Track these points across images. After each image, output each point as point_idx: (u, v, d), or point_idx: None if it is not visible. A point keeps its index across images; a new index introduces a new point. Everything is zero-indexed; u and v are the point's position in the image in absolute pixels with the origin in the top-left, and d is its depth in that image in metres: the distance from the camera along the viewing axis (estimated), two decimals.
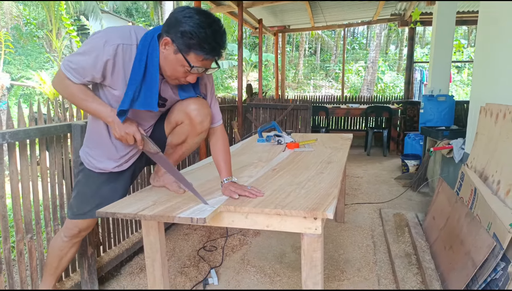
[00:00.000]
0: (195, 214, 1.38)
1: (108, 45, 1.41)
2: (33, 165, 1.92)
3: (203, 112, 1.66)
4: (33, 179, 1.93)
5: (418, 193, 4.28)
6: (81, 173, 1.78)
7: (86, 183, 1.76)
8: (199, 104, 1.65)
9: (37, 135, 1.88)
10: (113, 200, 1.65)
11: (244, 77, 18.60)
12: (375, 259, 2.68)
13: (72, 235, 1.83)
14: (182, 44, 1.39)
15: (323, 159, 2.37)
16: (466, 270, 1.88)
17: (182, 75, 1.48)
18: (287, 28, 9.16)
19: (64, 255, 1.87)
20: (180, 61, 1.43)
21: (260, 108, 5.77)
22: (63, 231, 1.84)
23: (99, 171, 1.74)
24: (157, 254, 1.69)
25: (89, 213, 1.76)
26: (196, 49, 1.39)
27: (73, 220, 1.79)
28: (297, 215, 1.40)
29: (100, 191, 1.76)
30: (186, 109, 1.65)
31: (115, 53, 1.43)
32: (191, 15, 1.38)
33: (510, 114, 2.20)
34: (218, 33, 1.41)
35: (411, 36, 8.40)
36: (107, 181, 1.76)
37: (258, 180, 1.87)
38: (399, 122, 7.16)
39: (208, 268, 2.56)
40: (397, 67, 20.37)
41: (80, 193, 1.77)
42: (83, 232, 1.85)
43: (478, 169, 2.50)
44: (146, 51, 1.45)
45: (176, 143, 1.77)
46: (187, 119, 1.66)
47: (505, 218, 1.74)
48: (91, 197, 1.76)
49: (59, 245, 1.85)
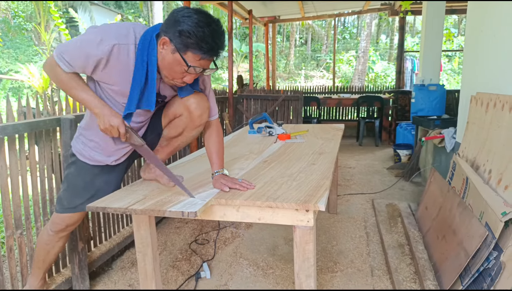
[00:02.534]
0: (186, 207, 1.37)
1: (103, 44, 1.39)
2: (22, 159, 1.90)
3: (202, 106, 1.66)
4: (23, 173, 1.90)
5: (411, 182, 4.29)
6: (72, 165, 1.74)
7: (78, 175, 1.73)
8: (198, 98, 1.65)
9: (26, 130, 1.86)
10: (107, 192, 1.65)
11: (235, 68, 18.50)
12: (368, 250, 2.68)
13: (59, 230, 1.80)
14: (180, 43, 1.37)
15: (314, 149, 2.35)
16: (459, 260, 1.88)
17: (179, 76, 1.46)
18: (277, 18, 9.08)
19: (51, 249, 1.85)
20: (177, 61, 1.41)
21: (251, 99, 5.73)
22: (49, 225, 1.82)
23: (95, 163, 1.71)
24: (148, 248, 1.68)
25: (80, 206, 1.74)
26: (194, 48, 1.37)
27: (61, 214, 1.76)
28: (289, 207, 1.39)
29: (93, 183, 1.74)
30: (186, 103, 1.65)
31: (109, 53, 1.41)
32: (189, 15, 1.36)
33: (501, 103, 2.19)
34: (216, 32, 1.39)
35: (401, 25, 8.38)
36: (101, 172, 1.74)
37: (249, 172, 1.85)
38: (390, 112, 7.18)
39: (200, 261, 2.54)
40: (388, 57, 20.40)
41: (72, 186, 1.73)
42: (70, 227, 1.83)
43: (470, 158, 2.50)
44: (146, 51, 1.43)
45: (172, 136, 1.76)
46: (186, 112, 1.66)
47: (497, 207, 1.73)
48: (83, 190, 1.73)
49: (45, 239, 1.83)
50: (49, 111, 2.15)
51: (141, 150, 1.61)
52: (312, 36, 23.72)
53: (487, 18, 2.66)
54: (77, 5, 15.57)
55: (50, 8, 11.16)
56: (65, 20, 14.16)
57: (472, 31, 2.97)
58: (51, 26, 14.64)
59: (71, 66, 1.44)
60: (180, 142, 1.78)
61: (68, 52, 1.43)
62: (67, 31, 9.69)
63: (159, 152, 1.80)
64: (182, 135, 1.75)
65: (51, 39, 12.24)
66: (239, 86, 7.25)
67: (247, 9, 7.20)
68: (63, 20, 12.95)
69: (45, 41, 13.82)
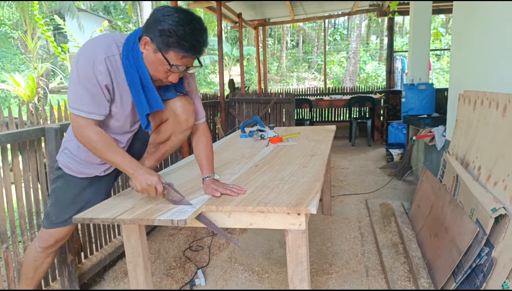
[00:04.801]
0: (175, 215, 1.35)
1: (97, 64, 1.38)
2: (6, 171, 1.85)
3: (188, 109, 1.66)
4: (7, 186, 1.86)
5: (403, 181, 4.32)
6: (59, 179, 1.70)
7: (66, 189, 1.69)
8: (184, 101, 1.65)
9: (8, 141, 1.82)
10: (96, 202, 1.62)
11: (227, 71, 18.50)
12: (363, 250, 2.68)
13: (48, 246, 1.75)
14: (161, 42, 1.37)
15: (306, 152, 2.35)
16: (451, 257, 1.89)
17: (163, 75, 1.46)
18: (267, 21, 9.11)
19: (40, 266, 1.79)
20: (160, 60, 1.40)
21: (243, 103, 5.74)
22: (37, 241, 1.76)
23: (83, 176, 1.68)
24: (139, 258, 1.65)
25: (69, 220, 1.69)
26: (175, 47, 1.37)
27: (50, 229, 1.71)
28: (280, 211, 1.38)
29: (83, 195, 1.70)
30: (172, 107, 1.64)
31: (107, 70, 1.40)
32: (170, 14, 1.35)
33: (488, 101, 2.21)
34: (198, 30, 1.38)
35: (390, 26, 8.45)
36: (90, 184, 1.71)
37: (240, 177, 1.84)
38: (382, 112, 7.21)
39: (194, 268, 2.53)
40: (379, 57, 20.52)
41: (60, 200, 1.70)
42: (60, 242, 1.77)
43: (459, 155, 2.52)
44: (131, 55, 1.43)
45: (160, 141, 1.75)
46: (172, 116, 1.66)
47: (487, 203, 1.75)
48: (73, 203, 1.69)
49: (33, 256, 1.77)
50: (32, 121, 2.09)
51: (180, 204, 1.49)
52: (303, 38, 23.81)
53: (473, 17, 2.69)
54: (65, 11, 15.36)
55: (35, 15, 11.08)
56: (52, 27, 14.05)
57: (458, 30, 3.00)
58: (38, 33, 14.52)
59: (99, 109, 1.44)
60: (168, 147, 1.77)
61: (82, 101, 1.41)
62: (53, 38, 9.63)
63: (147, 159, 1.77)
64: (169, 141, 1.74)
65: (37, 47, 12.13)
66: (230, 90, 7.25)
67: (237, 12, 7.21)
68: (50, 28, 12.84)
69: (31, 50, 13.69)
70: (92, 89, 1.40)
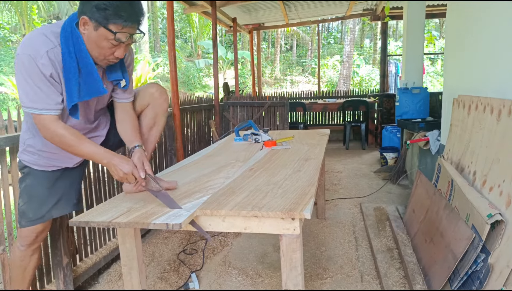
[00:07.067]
0: (170, 219, 1.34)
1: (39, 59, 1.39)
2: (4, 174, 1.86)
3: (163, 91, 1.83)
4: (5, 188, 1.86)
5: (398, 185, 4.32)
6: (28, 177, 1.70)
7: (38, 185, 1.69)
8: (156, 86, 1.82)
9: (7, 144, 1.84)
10: (72, 195, 1.73)
11: (221, 75, 18.49)
12: (357, 255, 2.67)
13: (29, 243, 1.74)
14: (100, 17, 1.39)
15: (300, 156, 2.34)
16: (447, 263, 1.88)
17: (109, 52, 1.47)
18: (261, 25, 9.11)
19: (27, 265, 1.78)
20: (103, 36, 1.42)
21: (238, 106, 5.72)
22: (18, 242, 1.76)
23: (54, 169, 1.69)
24: (134, 261, 1.64)
25: (47, 215, 1.71)
26: (114, 18, 1.39)
27: (30, 227, 1.71)
28: (274, 216, 1.37)
29: (56, 187, 1.72)
30: (148, 92, 1.80)
31: (50, 63, 1.41)
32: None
33: (482, 106, 2.22)
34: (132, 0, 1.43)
35: (383, 30, 8.48)
36: (62, 175, 1.74)
37: (235, 181, 1.82)
38: (376, 115, 7.23)
39: (188, 272, 2.50)
40: (372, 60, 20.63)
41: (34, 197, 1.69)
42: (41, 236, 1.77)
43: (454, 160, 2.52)
44: (70, 42, 1.44)
45: (149, 125, 1.83)
46: (152, 100, 1.80)
47: (483, 209, 1.74)
48: (48, 196, 1.70)
49: (18, 256, 1.76)
50: None
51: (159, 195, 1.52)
52: (297, 42, 23.88)
53: (467, 22, 2.70)
54: (63, 15, 15.57)
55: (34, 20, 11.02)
56: None
57: (452, 35, 3.01)
58: None
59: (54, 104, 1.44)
60: (156, 132, 1.86)
61: (35, 98, 1.42)
62: None
63: None
64: (157, 124, 1.84)
65: None
66: (225, 94, 7.23)
67: (231, 17, 7.21)
68: None
69: None
70: (39, 84, 1.42)
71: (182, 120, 4.46)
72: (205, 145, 5.26)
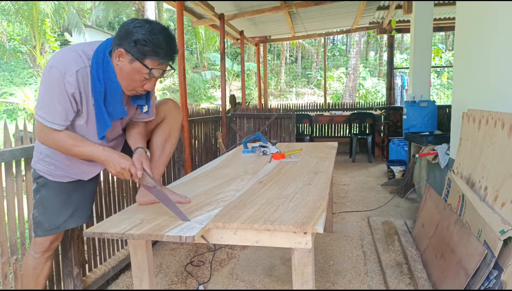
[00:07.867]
0: (183, 232, 1.34)
1: (67, 76, 1.42)
2: (19, 184, 1.88)
3: (177, 105, 1.88)
4: (19, 198, 1.89)
5: (406, 199, 4.29)
6: (43, 188, 1.71)
7: (54, 196, 1.71)
8: (170, 101, 1.86)
9: (22, 155, 1.87)
10: (86, 206, 1.76)
11: (227, 86, 18.59)
12: (366, 270, 2.64)
13: (44, 250, 1.77)
14: (137, 52, 1.41)
15: (309, 169, 2.33)
16: (459, 279, 1.85)
17: (139, 84, 1.50)
18: (268, 38, 9.19)
19: (40, 272, 1.80)
20: (136, 69, 1.44)
21: (244, 118, 5.74)
22: (32, 249, 1.78)
23: (69, 180, 1.71)
24: (145, 273, 1.65)
25: (62, 226, 1.74)
26: (152, 55, 1.42)
27: (45, 236, 1.73)
28: (286, 230, 1.37)
29: (72, 199, 1.74)
30: (165, 107, 1.82)
31: (76, 82, 1.44)
32: (141, 25, 1.41)
33: (493, 120, 2.21)
34: (169, 38, 1.45)
35: (390, 43, 8.52)
36: (77, 187, 1.75)
37: (245, 194, 1.82)
38: (382, 128, 7.21)
39: (196, 284, 2.49)
40: (378, 73, 20.66)
41: (49, 208, 1.71)
42: (54, 243, 1.80)
43: (465, 174, 2.50)
44: (101, 68, 1.47)
45: (163, 139, 1.84)
46: (169, 114, 1.83)
47: (495, 225, 1.72)
48: (64, 207, 1.73)
49: (32, 264, 1.78)
50: None
51: (153, 191, 1.56)
52: (302, 54, 24.00)
53: (474, 36, 2.70)
54: (72, 27, 15.91)
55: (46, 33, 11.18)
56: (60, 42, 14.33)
57: (460, 49, 3.01)
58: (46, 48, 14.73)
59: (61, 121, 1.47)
60: (170, 145, 1.86)
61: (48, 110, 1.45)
62: None
63: (156, 167, 1.79)
64: (170, 138, 1.85)
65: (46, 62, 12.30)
66: (232, 105, 7.27)
67: (239, 30, 7.29)
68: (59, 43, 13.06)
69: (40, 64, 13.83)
70: (60, 99, 1.44)
71: (190, 132, 4.48)
72: (212, 156, 5.27)
